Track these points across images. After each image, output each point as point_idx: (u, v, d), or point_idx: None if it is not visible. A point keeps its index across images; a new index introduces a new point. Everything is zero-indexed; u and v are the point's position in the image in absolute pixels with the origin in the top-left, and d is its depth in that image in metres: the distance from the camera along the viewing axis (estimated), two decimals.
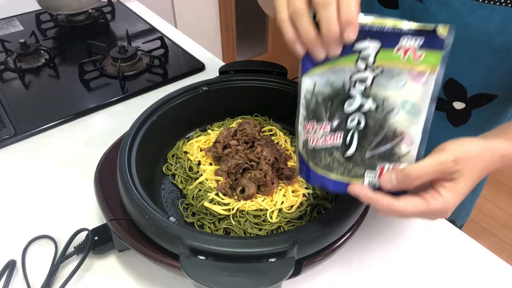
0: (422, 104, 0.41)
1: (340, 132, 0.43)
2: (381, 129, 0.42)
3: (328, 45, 0.40)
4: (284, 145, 0.67)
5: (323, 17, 0.39)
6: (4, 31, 1.12)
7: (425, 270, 0.55)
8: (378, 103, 0.41)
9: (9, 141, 0.75)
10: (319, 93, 0.43)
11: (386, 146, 0.42)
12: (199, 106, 0.70)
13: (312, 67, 0.42)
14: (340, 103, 0.43)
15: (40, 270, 0.54)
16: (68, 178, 0.69)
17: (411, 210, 0.40)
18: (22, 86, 0.91)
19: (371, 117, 0.42)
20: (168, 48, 1.03)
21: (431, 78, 0.40)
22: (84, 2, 1.12)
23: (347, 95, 0.42)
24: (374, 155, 0.42)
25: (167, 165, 0.66)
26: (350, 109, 0.42)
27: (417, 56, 0.40)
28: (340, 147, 0.43)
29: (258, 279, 0.41)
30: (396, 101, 0.41)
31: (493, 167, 0.43)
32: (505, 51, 0.55)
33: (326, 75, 0.42)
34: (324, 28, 0.39)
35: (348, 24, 0.39)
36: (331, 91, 0.43)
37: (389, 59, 0.40)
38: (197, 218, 0.57)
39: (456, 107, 0.65)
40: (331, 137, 0.43)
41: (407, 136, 0.41)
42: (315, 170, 0.44)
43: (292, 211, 0.57)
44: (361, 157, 0.42)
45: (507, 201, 1.89)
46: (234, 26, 2.23)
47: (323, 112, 0.43)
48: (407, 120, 0.41)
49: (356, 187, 0.42)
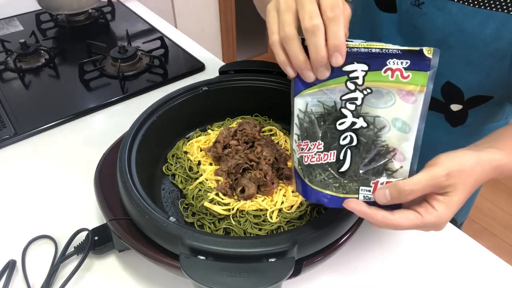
0: (413, 121, 0.42)
1: (334, 150, 0.44)
2: (374, 146, 0.43)
3: (317, 69, 0.41)
4: (284, 145, 0.67)
5: (311, 43, 0.40)
6: (4, 31, 1.12)
7: (425, 270, 0.55)
8: (369, 121, 0.43)
9: (9, 141, 0.75)
10: (311, 113, 0.44)
11: (379, 162, 0.43)
12: (199, 106, 0.70)
13: (303, 89, 0.44)
14: (332, 122, 0.44)
15: (40, 270, 0.54)
16: (68, 178, 0.69)
17: (406, 224, 0.40)
18: (22, 86, 0.91)
19: (363, 134, 0.43)
20: (168, 48, 1.03)
21: (419, 97, 0.41)
22: (84, 2, 1.12)
23: (339, 114, 0.43)
24: (368, 171, 0.43)
25: (167, 165, 0.66)
26: (342, 128, 0.43)
27: (405, 76, 0.41)
28: (334, 163, 0.44)
29: (258, 279, 0.42)
30: (387, 119, 0.42)
31: (486, 179, 0.43)
32: (501, 55, 0.55)
33: (318, 95, 0.43)
34: (313, 53, 0.40)
35: (336, 50, 0.40)
36: (323, 111, 0.44)
37: (378, 80, 0.42)
38: (197, 218, 0.57)
39: (453, 109, 0.65)
40: (324, 155, 0.44)
41: (399, 152, 0.42)
42: (311, 186, 0.45)
43: (292, 211, 0.57)
44: (355, 173, 0.43)
45: (507, 201, 1.89)
46: (234, 26, 2.23)
47: (316, 131, 0.44)
48: (399, 137, 0.42)
49: (352, 202, 0.42)
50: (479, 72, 0.59)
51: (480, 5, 0.53)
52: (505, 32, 0.53)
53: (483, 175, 0.42)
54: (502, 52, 0.55)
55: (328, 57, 0.40)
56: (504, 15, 0.52)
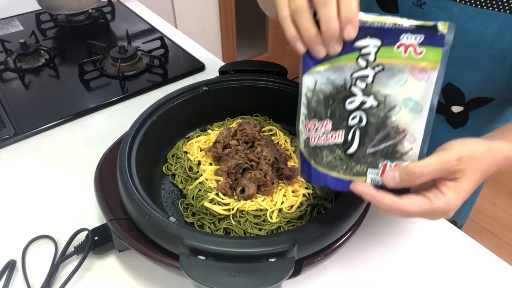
0: (425, 101, 0.41)
1: (342, 130, 0.43)
2: (383, 126, 0.42)
3: (328, 43, 0.40)
4: (284, 145, 0.67)
5: (323, 15, 0.39)
6: (4, 31, 1.12)
7: (425, 270, 0.55)
8: (379, 100, 0.41)
9: (9, 141, 0.75)
10: (320, 91, 0.43)
11: (388, 143, 0.42)
12: (199, 106, 0.70)
13: (313, 66, 0.42)
14: (341, 100, 0.43)
15: (40, 270, 0.54)
16: (68, 178, 0.69)
17: (414, 209, 0.39)
18: (22, 86, 0.91)
19: (372, 114, 0.42)
20: (168, 48, 1.03)
21: (432, 75, 0.40)
22: (84, 2, 1.12)
23: (348, 92, 0.42)
24: (377, 153, 0.42)
25: (167, 165, 0.66)
26: (352, 107, 0.42)
27: (418, 52, 0.40)
28: (342, 144, 0.43)
29: (258, 279, 0.42)
30: (398, 99, 0.41)
31: (495, 168, 0.43)
32: (502, 56, 0.55)
33: (327, 73, 0.42)
34: (324, 26, 0.39)
35: (348, 22, 0.39)
36: (332, 89, 0.43)
37: (390, 56, 0.40)
38: (197, 218, 0.57)
39: (454, 110, 0.65)
40: (332, 135, 0.43)
41: (409, 133, 0.41)
42: (317, 168, 0.44)
43: (292, 211, 0.57)
44: (363, 154, 0.42)
45: (507, 201, 1.89)
46: (234, 26, 2.23)
47: (324, 110, 0.43)
48: (410, 117, 0.41)
49: (359, 185, 0.42)
50: (480, 74, 0.59)
51: (482, 5, 0.53)
52: (507, 32, 0.53)
53: (493, 163, 0.42)
54: (504, 53, 0.55)
55: (340, 30, 0.39)
56: (506, 15, 0.52)
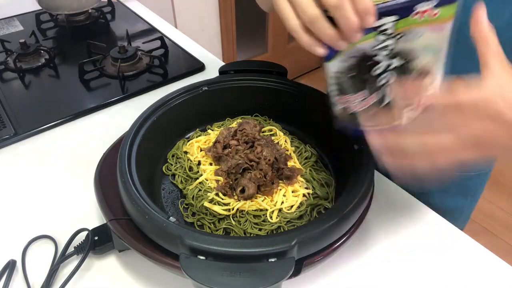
0: (442, 45, 0.44)
1: (375, 92, 0.46)
2: (409, 75, 0.45)
3: (349, 37, 0.41)
4: (284, 145, 0.67)
5: (340, 16, 0.39)
6: (4, 31, 1.12)
7: (425, 270, 0.55)
8: (403, 57, 0.44)
9: (9, 141, 0.75)
10: (346, 70, 0.45)
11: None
12: (199, 106, 0.70)
13: (334, 54, 0.44)
14: (367, 71, 0.45)
15: (40, 270, 0.54)
16: (68, 178, 0.69)
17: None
18: (22, 86, 0.91)
19: (399, 69, 0.45)
20: (168, 48, 1.03)
21: (447, 26, 0.43)
22: (84, 2, 1.12)
23: (373, 62, 0.44)
24: None
25: (167, 165, 0.66)
26: (378, 71, 0.45)
27: (433, 14, 0.42)
28: (377, 102, 0.46)
29: (258, 279, 0.41)
30: (419, 49, 0.44)
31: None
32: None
33: (350, 54, 0.44)
34: (343, 25, 0.40)
35: (366, 13, 0.39)
36: (357, 65, 0.45)
37: (408, 24, 0.42)
38: (197, 218, 0.57)
39: None
40: (367, 101, 0.47)
41: (432, 72, 0.45)
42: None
43: (292, 211, 0.57)
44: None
45: (507, 201, 1.89)
46: (234, 26, 2.23)
47: (354, 85, 0.46)
48: (431, 59, 0.44)
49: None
50: None
51: None
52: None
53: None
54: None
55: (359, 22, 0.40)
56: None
